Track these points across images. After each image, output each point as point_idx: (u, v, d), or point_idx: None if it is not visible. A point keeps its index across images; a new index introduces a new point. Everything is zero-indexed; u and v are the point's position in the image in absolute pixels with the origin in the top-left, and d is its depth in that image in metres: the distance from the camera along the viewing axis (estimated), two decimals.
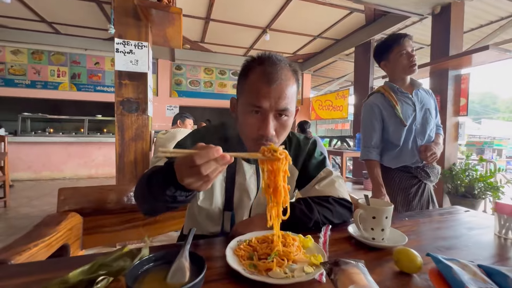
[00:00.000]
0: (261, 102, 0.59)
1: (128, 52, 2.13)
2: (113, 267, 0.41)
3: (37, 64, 5.17)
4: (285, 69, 0.62)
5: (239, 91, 0.66)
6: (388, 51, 1.31)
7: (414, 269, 0.45)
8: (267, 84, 0.59)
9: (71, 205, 1.03)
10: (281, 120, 0.62)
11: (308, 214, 0.63)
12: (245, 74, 0.64)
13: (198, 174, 0.40)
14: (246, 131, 0.64)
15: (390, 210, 0.56)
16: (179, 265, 0.38)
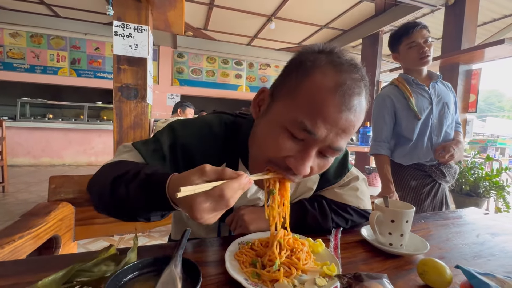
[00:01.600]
0: (317, 128, 0.38)
1: (127, 35, 2.03)
2: (94, 273, 0.35)
3: (36, 48, 5.05)
4: (365, 92, 0.41)
5: (281, 89, 0.43)
6: (398, 43, 1.24)
7: (443, 285, 0.39)
8: (339, 106, 0.38)
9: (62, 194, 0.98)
10: (322, 160, 0.44)
11: (321, 223, 0.56)
12: (305, 70, 0.41)
13: (225, 207, 0.33)
14: (265, 149, 0.44)
15: (411, 213, 0.49)
16: (170, 275, 0.32)
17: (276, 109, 0.43)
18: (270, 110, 0.44)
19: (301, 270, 0.39)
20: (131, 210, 0.41)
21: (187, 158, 0.52)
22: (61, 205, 0.91)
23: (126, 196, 0.39)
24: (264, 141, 0.44)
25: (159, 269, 0.33)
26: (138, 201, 0.39)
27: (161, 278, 0.31)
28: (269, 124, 0.44)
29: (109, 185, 0.41)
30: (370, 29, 4.55)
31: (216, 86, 6.24)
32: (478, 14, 3.31)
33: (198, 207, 0.32)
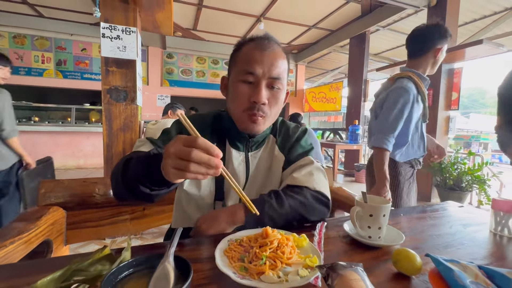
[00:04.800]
0: (254, 68, 0.60)
1: (115, 37, 2.02)
2: (90, 272, 0.37)
3: (20, 49, 4.90)
4: (277, 44, 0.65)
5: (231, 65, 0.68)
6: (438, 43, 1.17)
7: (414, 271, 0.43)
8: (260, 51, 0.61)
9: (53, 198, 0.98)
10: (273, 91, 0.63)
11: (278, 210, 0.58)
12: (238, 48, 0.66)
13: (183, 167, 0.39)
14: (237, 101, 0.64)
15: (388, 208, 0.53)
16: (163, 271, 0.34)
17: (231, 78, 0.66)
18: (230, 82, 0.67)
19: (286, 263, 0.42)
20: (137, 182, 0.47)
21: None
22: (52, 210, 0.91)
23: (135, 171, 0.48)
24: (233, 99, 0.65)
25: (153, 266, 0.35)
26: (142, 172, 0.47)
27: (154, 274, 0.34)
28: (231, 87, 0.66)
29: (122, 166, 0.51)
30: (357, 29, 4.65)
31: (206, 86, 6.22)
32: (459, 15, 3.44)
33: (168, 153, 0.39)
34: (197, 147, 0.38)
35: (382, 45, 5.72)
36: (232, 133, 0.70)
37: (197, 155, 0.38)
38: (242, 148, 0.70)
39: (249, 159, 0.71)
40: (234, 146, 0.70)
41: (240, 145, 0.70)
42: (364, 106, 5.04)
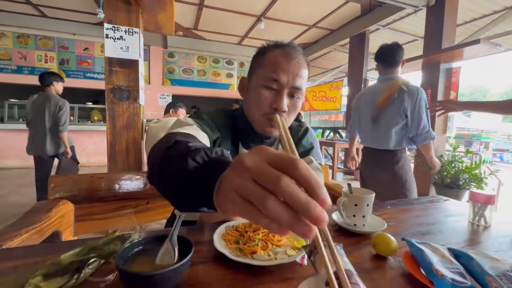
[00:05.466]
0: (279, 75, 0.62)
1: (118, 38, 2.07)
2: (104, 250, 0.42)
3: (23, 48, 4.97)
4: (302, 55, 0.67)
5: (254, 68, 0.68)
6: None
7: (390, 252, 0.48)
8: (286, 59, 0.63)
9: (61, 192, 1.03)
10: (293, 100, 0.65)
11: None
12: (263, 53, 0.67)
13: (261, 198, 0.20)
14: (258, 106, 0.65)
15: (372, 198, 0.58)
16: (167, 248, 0.40)
17: (253, 81, 0.67)
18: (250, 85, 0.68)
19: (276, 245, 0.47)
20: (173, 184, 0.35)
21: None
22: (61, 203, 0.97)
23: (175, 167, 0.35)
24: (254, 102, 0.66)
25: (159, 245, 0.41)
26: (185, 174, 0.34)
27: (160, 250, 0.39)
28: (253, 91, 0.67)
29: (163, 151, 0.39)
30: (357, 28, 4.68)
31: (207, 85, 6.27)
32: (457, 15, 3.47)
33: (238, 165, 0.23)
34: (294, 175, 0.20)
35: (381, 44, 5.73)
36: (246, 134, 0.71)
37: (289, 186, 0.20)
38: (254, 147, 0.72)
39: None
40: (247, 146, 0.72)
41: (253, 145, 0.72)
42: None
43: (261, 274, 0.42)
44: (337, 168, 4.88)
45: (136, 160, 2.18)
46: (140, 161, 2.21)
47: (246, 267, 0.43)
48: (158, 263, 0.37)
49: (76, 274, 0.37)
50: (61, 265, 0.37)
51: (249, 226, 0.52)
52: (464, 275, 0.40)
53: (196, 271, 0.42)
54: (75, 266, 0.38)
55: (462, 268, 0.41)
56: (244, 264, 0.43)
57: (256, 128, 0.69)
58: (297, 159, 0.21)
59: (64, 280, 0.36)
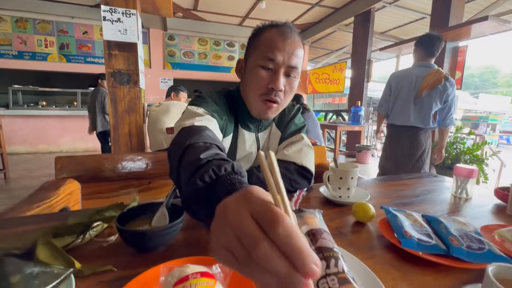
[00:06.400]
0: (275, 55, 0.62)
1: (116, 20, 2.05)
2: (106, 216, 0.47)
3: (23, 33, 4.93)
4: (297, 34, 0.66)
5: (250, 49, 0.68)
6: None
7: (367, 219, 0.52)
8: (282, 38, 0.63)
9: (68, 172, 1.09)
10: (289, 79, 0.66)
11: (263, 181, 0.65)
12: (258, 33, 0.67)
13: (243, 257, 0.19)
14: (255, 86, 0.65)
15: (356, 172, 0.62)
16: (162, 213, 0.44)
17: (250, 62, 0.67)
18: (247, 66, 0.68)
19: None
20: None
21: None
22: (68, 181, 1.03)
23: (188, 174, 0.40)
24: (251, 83, 0.66)
25: (155, 210, 0.45)
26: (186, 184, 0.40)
27: (156, 214, 0.44)
28: (249, 72, 0.67)
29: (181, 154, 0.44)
30: (362, 6, 4.51)
31: (208, 68, 6.20)
32: None
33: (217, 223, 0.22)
34: (274, 238, 0.18)
35: (388, 23, 5.54)
36: (244, 114, 0.72)
37: (266, 256, 0.17)
38: (253, 129, 0.75)
39: (259, 139, 0.77)
40: (246, 127, 0.74)
41: (251, 126, 0.74)
42: (367, 87, 5.00)
43: None
44: (338, 151, 4.91)
45: (139, 143, 2.23)
46: (143, 145, 2.27)
47: None
48: (154, 225, 0.42)
49: (82, 235, 0.42)
50: (68, 227, 0.42)
51: None
52: (431, 236, 0.43)
53: (186, 234, 0.47)
54: (81, 229, 0.43)
55: (431, 231, 0.45)
56: None
57: (252, 112, 0.70)
58: (279, 216, 0.18)
59: (71, 239, 0.41)
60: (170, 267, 0.31)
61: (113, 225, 0.47)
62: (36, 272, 0.30)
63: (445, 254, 0.40)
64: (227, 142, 0.71)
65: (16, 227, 0.50)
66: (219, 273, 0.31)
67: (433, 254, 0.40)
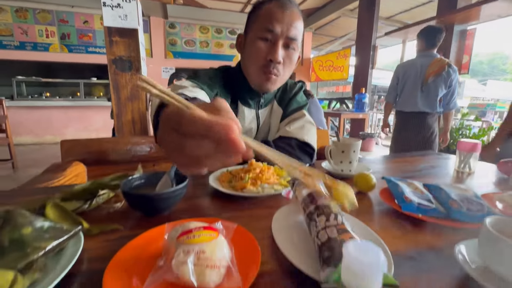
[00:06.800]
0: (274, 25, 0.62)
1: (115, 6, 2.03)
2: (112, 184, 0.48)
3: (23, 23, 4.90)
4: (296, 6, 0.67)
5: (250, 23, 0.69)
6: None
7: (368, 188, 0.52)
8: (281, 10, 0.63)
9: (74, 155, 1.10)
10: (288, 51, 0.66)
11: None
12: (258, 7, 0.67)
13: (181, 148, 0.22)
14: (254, 58, 0.66)
15: (358, 145, 0.62)
16: (166, 180, 0.45)
17: (249, 35, 0.67)
18: (247, 40, 0.69)
19: (265, 182, 0.52)
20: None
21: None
22: (75, 164, 1.04)
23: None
24: (251, 55, 0.67)
25: (159, 178, 0.46)
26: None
27: (160, 181, 0.45)
28: (249, 45, 0.67)
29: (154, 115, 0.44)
30: None
31: (210, 57, 6.13)
32: None
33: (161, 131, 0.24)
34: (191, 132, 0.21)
35: (395, 7, 5.38)
36: (244, 90, 0.72)
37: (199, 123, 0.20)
38: (253, 105, 0.75)
39: (260, 116, 0.77)
40: (246, 103, 0.74)
41: (251, 103, 0.74)
42: (372, 74, 4.91)
43: (249, 204, 0.48)
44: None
45: (142, 130, 2.24)
46: (146, 131, 2.28)
47: (236, 199, 0.48)
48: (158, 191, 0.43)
49: (89, 201, 0.43)
50: (75, 193, 0.43)
51: (241, 170, 0.57)
52: (431, 201, 0.44)
53: (190, 202, 0.48)
54: (87, 196, 0.44)
55: (431, 196, 0.46)
56: (235, 196, 0.48)
57: (252, 84, 0.70)
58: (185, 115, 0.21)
59: (78, 204, 0.42)
60: (175, 224, 0.32)
61: (119, 194, 0.49)
62: (47, 227, 0.31)
63: (444, 216, 0.40)
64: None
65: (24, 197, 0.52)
66: (222, 229, 0.32)
67: (433, 217, 0.40)
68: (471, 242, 0.32)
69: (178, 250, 0.26)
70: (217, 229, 0.31)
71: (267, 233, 0.37)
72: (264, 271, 0.30)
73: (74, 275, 0.29)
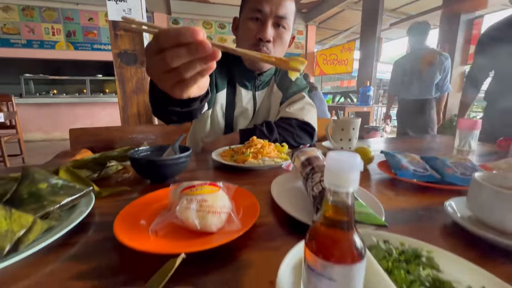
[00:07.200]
0: (262, 5, 0.64)
1: (119, 0, 2.05)
2: (119, 156, 0.51)
3: (30, 21, 4.98)
4: None
5: (242, 6, 0.72)
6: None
7: (367, 161, 0.53)
8: None
9: (82, 143, 1.14)
10: (278, 30, 0.68)
11: (267, 135, 0.68)
12: None
13: (163, 64, 0.28)
14: (245, 38, 0.69)
15: (357, 123, 0.63)
16: (170, 151, 0.47)
17: (242, 17, 0.70)
18: (240, 22, 0.72)
19: (266, 156, 0.54)
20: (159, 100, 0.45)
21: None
22: (83, 150, 1.08)
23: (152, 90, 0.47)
24: (243, 35, 0.69)
25: (164, 150, 0.48)
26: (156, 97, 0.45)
27: (165, 153, 0.47)
28: (241, 26, 0.70)
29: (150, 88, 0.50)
30: None
31: None
32: None
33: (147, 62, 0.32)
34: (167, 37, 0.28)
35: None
36: (240, 72, 0.75)
37: (165, 33, 0.28)
38: (250, 87, 0.77)
39: (256, 98, 0.79)
40: (243, 85, 0.76)
41: (248, 84, 0.77)
42: (377, 67, 4.86)
43: (251, 176, 0.49)
44: None
45: (148, 122, 2.28)
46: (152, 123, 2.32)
47: (238, 171, 0.50)
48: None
49: (98, 171, 0.46)
50: (85, 162, 0.46)
51: (243, 146, 0.59)
52: (427, 168, 0.45)
53: (194, 174, 0.50)
54: (97, 167, 0.47)
55: (427, 166, 0.47)
56: (236, 168, 0.50)
57: (245, 62, 0.72)
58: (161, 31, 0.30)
59: (89, 173, 0.44)
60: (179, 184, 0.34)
61: (127, 166, 0.51)
62: (61, 184, 0.33)
63: (439, 181, 0.42)
64: (221, 96, 0.75)
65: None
66: (223, 187, 0.34)
67: (427, 182, 0.42)
68: (461, 199, 0.33)
69: (182, 199, 0.29)
70: (218, 185, 0.33)
71: (267, 196, 0.39)
72: (262, 222, 0.31)
73: (87, 224, 0.31)
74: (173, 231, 0.28)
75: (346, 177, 0.14)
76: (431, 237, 0.28)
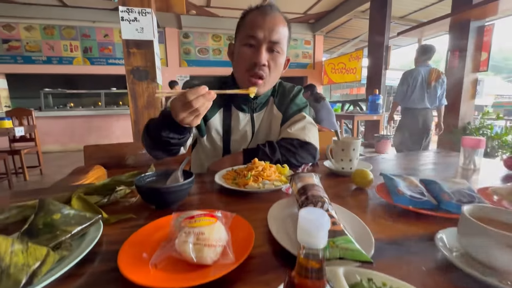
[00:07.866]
0: (255, 32, 0.67)
1: (132, 20, 2.16)
2: (127, 181, 0.54)
3: (50, 39, 5.29)
4: (278, 12, 0.72)
5: (237, 33, 0.75)
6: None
7: (366, 184, 0.54)
8: (261, 16, 0.68)
9: (95, 160, 1.19)
10: (272, 54, 0.70)
11: (270, 156, 0.70)
12: (244, 16, 0.73)
13: (189, 107, 0.50)
14: (240, 63, 0.72)
15: (357, 143, 0.64)
16: (175, 177, 0.50)
17: (236, 43, 0.74)
18: (236, 47, 0.75)
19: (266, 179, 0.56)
20: (157, 138, 0.60)
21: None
22: (96, 167, 1.13)
23: (153, 127, 0.61)
24: (238, 61, 0.73)
25: (169, 175, 0.51)
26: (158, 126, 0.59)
27: (169, 178, 0.49)
28: (236, 52, 0.74)
29: (146, 128, 0.65)
30: None
31: (223, 64, 6.28)
32: None
33: (175, 107, 0.52)
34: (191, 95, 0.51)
35: (408, 6, 5.28)
36: (236, 95, 0.76)
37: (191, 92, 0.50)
38: (247, 110, 0.79)
39: (254, 119, 0.81)
40: (240, 108, 0.79)
41: (245, 107, 0.79)
42: (386, 75, 4.82)
43: (251, 199, 0.51)
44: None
45: None
46: None
47: (239, 194, 0.52)
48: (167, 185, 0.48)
49: (108, 196, 0.49)
50: (96, 188, 0.49)
51: (245, 168, 0.61)
52: (424, 194, 0.45)
53: (197, 197, 0.53)
54: (106, 192, 0.50)
55: (425, 190, 0.47)
56: (237, 192, 0.52)
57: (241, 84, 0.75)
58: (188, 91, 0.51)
59: (99, 198, 0.48)
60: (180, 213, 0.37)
61: (134, 190, 0.54)
62: (72, 214, 0.36)
63: (435, 208, 0.42)
64: (214, 122, 0.78)
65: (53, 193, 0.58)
66: (220, 217, 0.36)
67: (423, 208, 0.42)
68: (454, 230, 0.34)
69: (181, 232, 0.31)
70: (216, 216, 0.35)
71: (264, 223, 0.40)
72: (257, 252, 0.33)
73: (95, 253, 0.34)
74: (172, 263, 0.30)
75: (316, 235, 0.16)
76: (419, 272, 0.29)
